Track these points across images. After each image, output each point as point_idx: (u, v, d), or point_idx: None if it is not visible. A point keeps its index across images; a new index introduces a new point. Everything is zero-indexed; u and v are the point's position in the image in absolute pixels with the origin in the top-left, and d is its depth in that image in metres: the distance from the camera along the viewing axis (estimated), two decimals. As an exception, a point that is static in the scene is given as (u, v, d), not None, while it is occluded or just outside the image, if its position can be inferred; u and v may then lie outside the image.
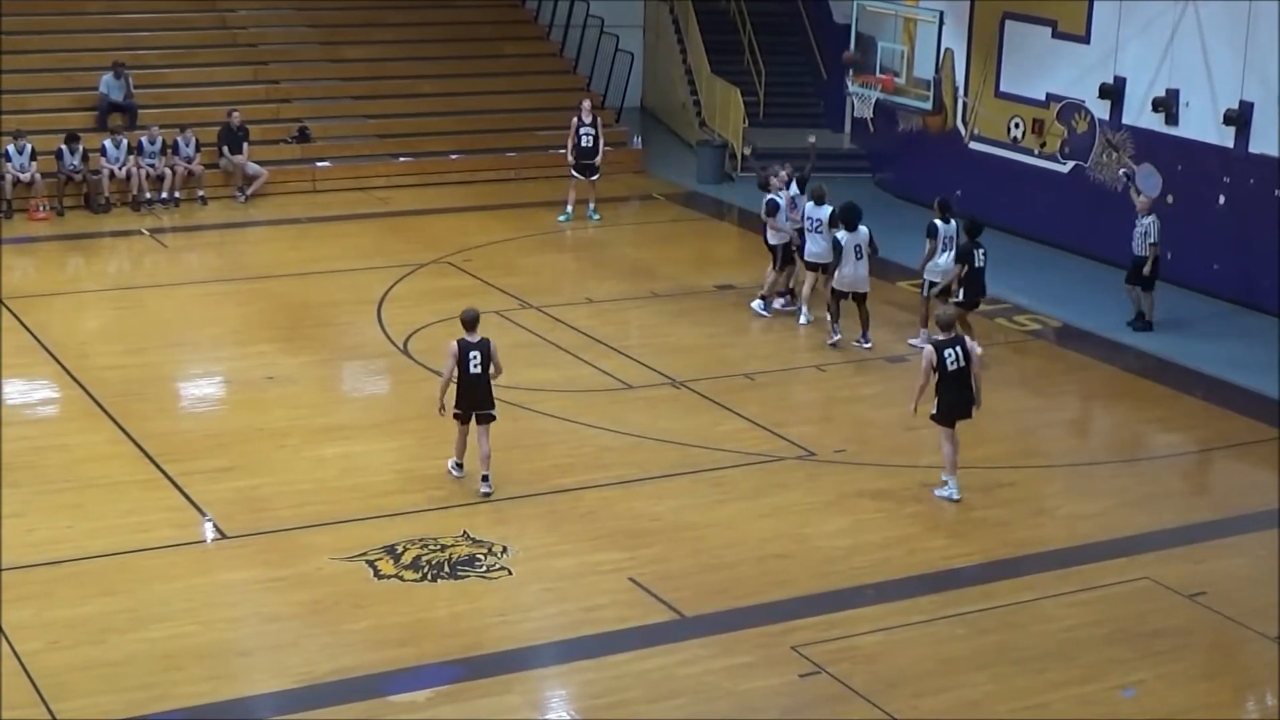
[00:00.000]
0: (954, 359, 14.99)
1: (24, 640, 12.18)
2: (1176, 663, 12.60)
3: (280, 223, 25.44)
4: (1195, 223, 22.57)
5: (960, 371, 15.02)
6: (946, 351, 15.01)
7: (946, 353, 15.00)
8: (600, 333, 19.98)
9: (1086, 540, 14.74)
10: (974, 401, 15.31)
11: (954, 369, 14.99)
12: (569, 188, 25.33)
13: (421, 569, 13.60)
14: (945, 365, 14.97)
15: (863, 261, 19.30)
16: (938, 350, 15.03)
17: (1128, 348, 20.36)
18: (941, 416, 15.24)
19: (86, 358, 18.70)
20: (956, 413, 15.22)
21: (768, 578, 13.73)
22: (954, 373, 15.00)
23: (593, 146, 25.15)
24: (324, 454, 16.12)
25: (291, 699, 11.65)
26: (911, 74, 25.15)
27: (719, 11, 32.29)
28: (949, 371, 14.98)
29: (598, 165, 25.27)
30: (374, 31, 30.30)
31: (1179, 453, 17.45)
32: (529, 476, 15.69)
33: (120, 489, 15.15)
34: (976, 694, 11.96)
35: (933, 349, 15.10)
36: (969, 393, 15.20)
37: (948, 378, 15.02)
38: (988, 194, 25.73)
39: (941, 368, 14.97)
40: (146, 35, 28.74)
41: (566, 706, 11.95)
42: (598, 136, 25.23)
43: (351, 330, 20.09)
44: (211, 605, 12.95)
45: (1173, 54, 22.63)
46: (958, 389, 15.09)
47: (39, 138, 25.12)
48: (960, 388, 15.10)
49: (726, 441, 16.76)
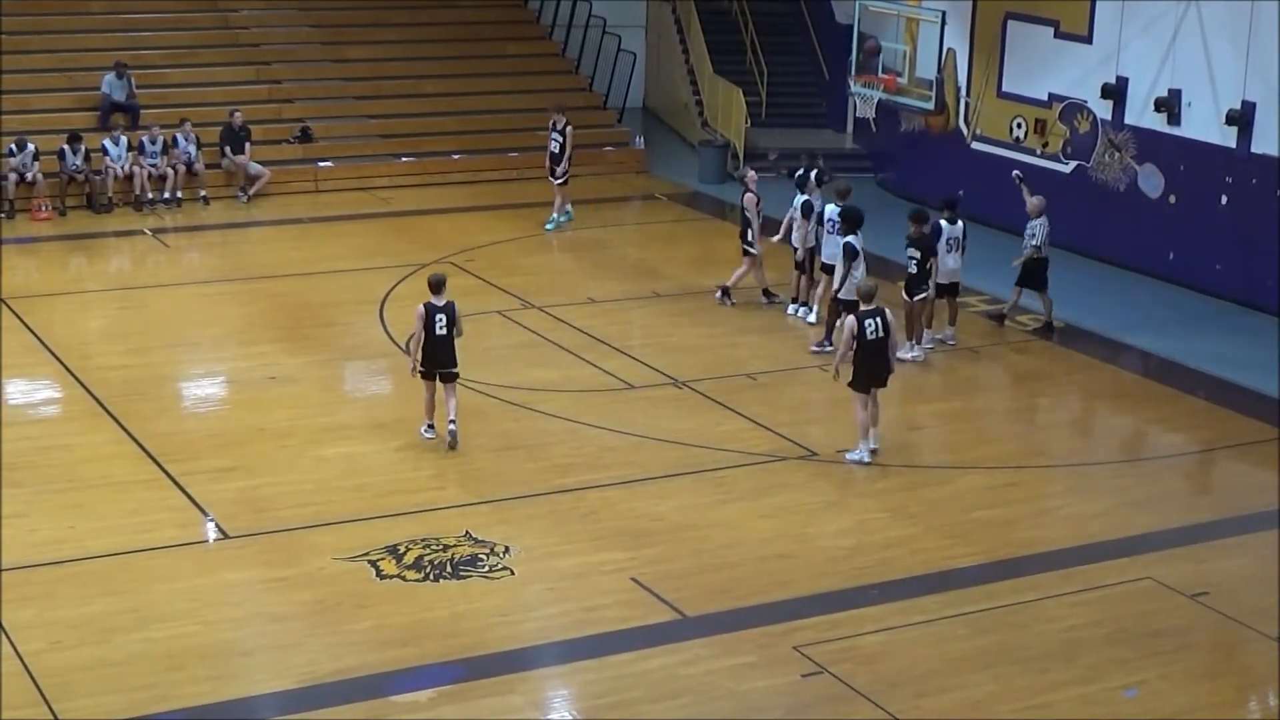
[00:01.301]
0: (874, 329, 15.79)
1: (26, 640, 12.19)
2: (1178, 663, 12.60)
3: (282, 223, 25.46)
4: (1197, 223, 22.58)
5: (879, 342, 15.82)
6: (867, 322, 15.79)
7: (867, 323, 15.79)
8: (602, 333, 19.98)
9: (1088, 540, 14.74)
10: (889, 370, 16.09)
11: (873, 339, 15.79)
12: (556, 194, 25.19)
13: (424, 569, 13.60)
14: (865, 334, 15.77)
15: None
16: (859, 320, 15.79)
17: (1130, 348, 20.37)
18: (858, 383, 15.97)
19: (89, 358, 18.72)
20: (873, 380, 15.96)
21: (770, 578, 13.73)
22: (873, 342, 15.79)
23: (558, 153, 24.83)
24: (326, 454, 16.12)
25: (294, 699, 11.66)
26: (914, 74, 25.16)
27: (721, 11, 32.29)
28: (868, 341, 15.78)
29: (560, 172, 24.90)
30: (376, 31, 30.32)
31: (1181, 453, 17.45)
32: (531, 476, 15.69)
33: (122, 489, 15.16)
34: (979, 694, 11.96)
35: (854, 319, 15.90)
36: (885, 362, 15.99)
37: (867, 346, 15.81)
38: (989, 194, 25.74)
39: (861, 336, 15.75)
40: (149, 35, 28.76)
41: (568, 706, 11.96)
42: (565, 144, 24.82)
43: (354, 330, 20.09)
44: (214, 605, 12.96)
45: (1175, 54, 22.63)
46: (876, 358, 15.82)
47: (41, 138, 25.13)
48: (879, 357, 15.86)
49: (728, 441, 16.76)
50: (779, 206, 21.76)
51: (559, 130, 24.91)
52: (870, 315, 15.85)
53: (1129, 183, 23.61)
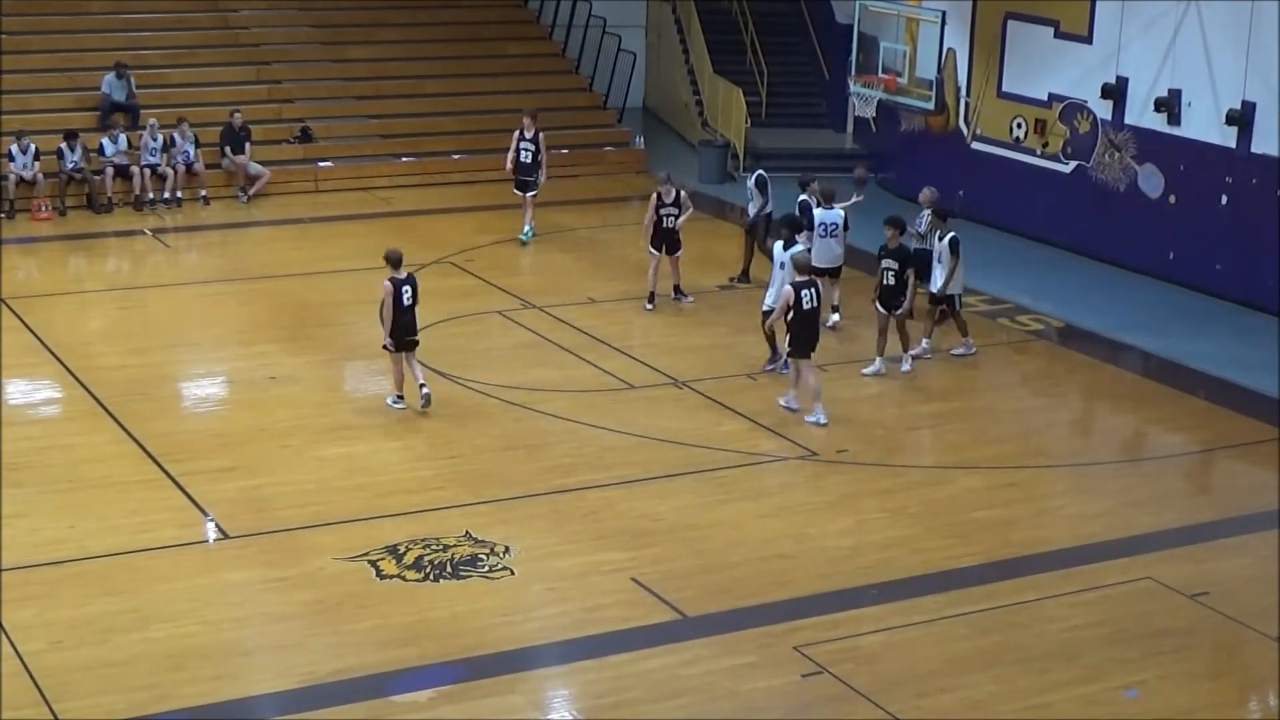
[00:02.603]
0: (809, 299, 17.05)
1: (26, 640, 12.19)
2: (1179, 663, 12.59)
3: (283, 223, 25.45)
4: (1197, 223, 22.57)
5: (814, 310, 17.15)
6: (804, 292, 17.00)
7: (804, 293, 16.99)
8: (602, 333, 19.98)
9: (1089, 540, 14.73)
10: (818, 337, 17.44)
11: (809, 308, 17.06)
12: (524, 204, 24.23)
13: (424, 569, 13.60)
14: (802, 304, 16.97)
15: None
16: (796, 290, 16.97)
17: (1130, 348, 20.36)
18: (798, 350, 17.23)
19: (89, 358, 18.70)
20: (811, 346, 17.27)
21: (770, 578, 13.73)
22: (808, 311, 17.07)
23: (533, 162, 23.74)
24: (326, 454, 16.12)
25: (294, 699, 11.66)
26: (914, 74, 25.15)
27: (721, 11, 32.28)
28: (804, 310, 17.02)
29: (537, 182, 23.88)
30: (376, 31, 30.31)
31: (1181, 453, 17.45)
32: (531, 476, 15.69)
33: (123, 489, 15.15)
34: (979, 694, 11.96)
35: (791, 289, 17.01)
36: (817, 328, 17.34)
37: (802, 315, 17.04)
38: (990, 194, 25.76)
39: (798, 306, 16.94)
40: (149, 35, 28.75)
41: (569, 706, 11.95)
42: (539, 152, 23.75)
43: (354, 330, 20.07)
44: (214, 605, 12.95)
45: (1175, 54, 22.62)
46: (811, 326, 17.14)
47: (41, 138, 25.13)
48: (813, 325, 17.20)
49: (729, 441, 16.76)
50: (777, 207, 21.72)
51: (530, 139, 23.76)
52: (806, 286, 17.04)
53: (1129, 183, 23.61)
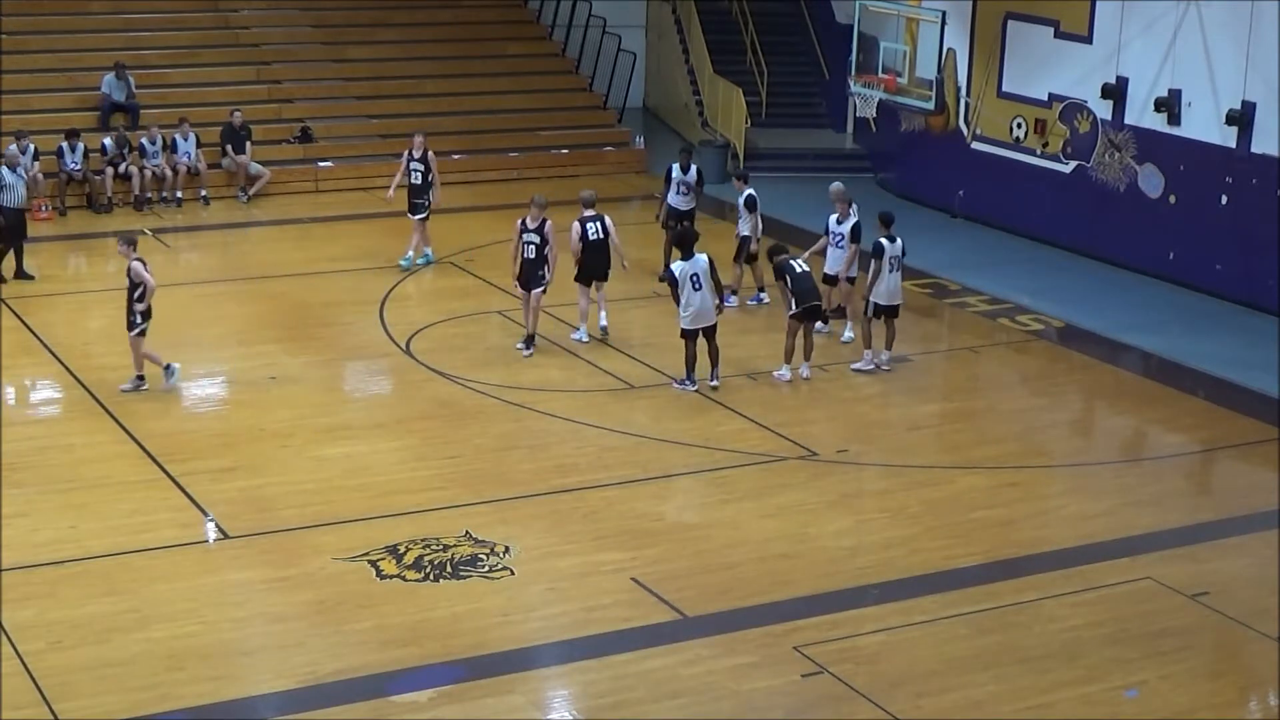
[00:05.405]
0: (595, 231, 19.18)
1: (27, 640, 12.18)
2: (1179, 663, 12.59)
3: (283, 223, 25.46)
4: (1197, 223, 22.57)
5: (600, 242, 19.17)
6: (589, 225, 19.16)
7: (589, 226, 19.17)
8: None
9: (1089, 540, 14.73)
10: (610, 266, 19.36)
11: (595, 239, 19.15)
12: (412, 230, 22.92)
13: (424, 569, 13.60)
14: (588, 236, 19.10)
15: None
16: (582, 224, 19.14)
17: (1130, 348, 20.36)
18: (582, 277, 19.27)
19: (89, 358, 18.71)
20: (594, 275, 19.31)
21: (770, 578, 13.73)
22: (594, 242, 19.16)
23: (422, 184, 22.59)
24: (327, 454, 16.12)
25: (294, 699, 11.65)
26: (914, 74, 25.14)
27: (721, 11, 32.30)
28: (590, 241, 19.11)
29: (428, 204, 22.61)
30: (376, 31, 30.33)
31: (1182, 453, 17.44)
32: (531, 476, 15.69)
33: (123, 489, 15.15)
34: (979, 694, 11.96)
35: (579, 223, 19.12)
36: (606, 259, 19.30)
37: (590, 246, 19.12)
38: (990, 194, 25.77)
39: (585, 238, 19.05)
40: (148, 35, 28.77)
41: (569, 706, 11.95)
42: (429, 173, 22.56)
43: (354, 330, 20.09)
44: (214, 605, 12.95)
45: (1175, 54, 22.62)
46: (596, 256, 19.20)
47: (41, 138, 25.12)
48: (600, 255, 19.20)
49: (729, 441, 16.76)
50: (776, 207, 21.70)
51: (419, 159, 22.60)
52: (591, 220, 19.21)
53: (1129, 183, 23.61)
